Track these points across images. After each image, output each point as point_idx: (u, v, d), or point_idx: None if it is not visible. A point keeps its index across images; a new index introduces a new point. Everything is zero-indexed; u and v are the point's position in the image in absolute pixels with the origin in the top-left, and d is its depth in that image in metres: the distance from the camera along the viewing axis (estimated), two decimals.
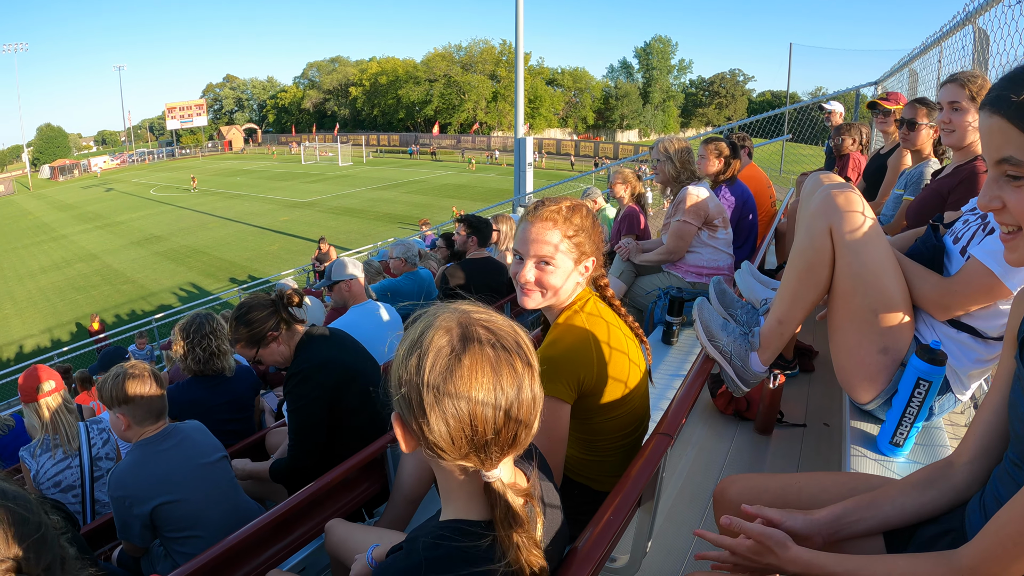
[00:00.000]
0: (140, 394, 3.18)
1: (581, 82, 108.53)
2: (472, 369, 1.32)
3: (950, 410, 2.66)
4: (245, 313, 3.56)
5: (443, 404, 1.30)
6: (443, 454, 1.34)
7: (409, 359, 1.34)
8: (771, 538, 1.68)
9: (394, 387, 1.37)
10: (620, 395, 2.39)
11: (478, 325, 1.38)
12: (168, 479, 3.14)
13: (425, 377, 1.30)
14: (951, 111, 3.59)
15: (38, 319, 27.46)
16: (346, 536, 2.66)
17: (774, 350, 2.92)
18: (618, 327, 2.48)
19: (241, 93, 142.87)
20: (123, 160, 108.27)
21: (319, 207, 46.97)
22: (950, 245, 2.58)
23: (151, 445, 3.21)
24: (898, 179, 5.14)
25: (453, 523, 1.45)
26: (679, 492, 3.63)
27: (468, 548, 1.38)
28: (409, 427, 1.36)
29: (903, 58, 10.05)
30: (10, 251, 43.12)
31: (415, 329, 1.39)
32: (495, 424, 1.33)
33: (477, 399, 1.31)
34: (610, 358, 2.35)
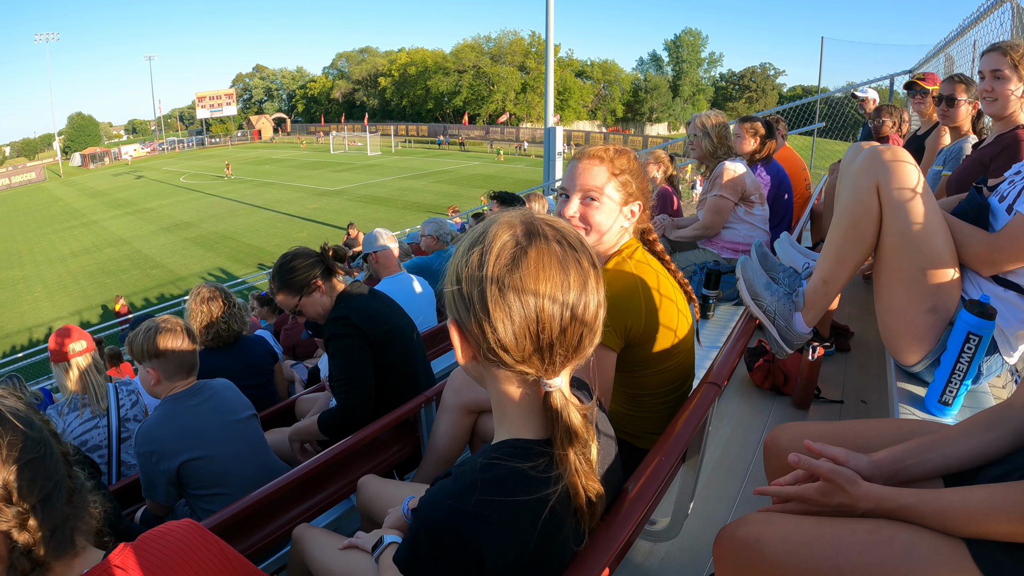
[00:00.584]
0: (172, 348, 3.14)
1: (610, 74, 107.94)
2: (539, 262, 1.26)
3: (997, 373, 2.61)
4: (289, 260, 3.55)
5: (508, 299, 1.24)
6: (505, 356, 1.28)
7: (469, 255, 1.29)
8: (841, 475, 1.65)
9: (450, 288, 1.32)
10: (667, 346, 2.34)
11: (542, 223, 1.33)
12: (197, 434, 3.09)
13: (489, 271, 1.25)
14: (993, 79, 3.55)
15: (68, 302, 27.75)
16: (379, 491, 2.64)
17: (818, 310, 2.87)
18: (667, 277, 2.43)
19: (271, 83, 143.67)
20: (153, 148, 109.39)
21: (347, 195, 47.11)
22: (995, 204, 2.55)
23: (181, 400, 3.17)
24: (936, 156, 5.08)
25: (509, 442, 1.40)
26: (717, 462, 3.60)
27: (524, 469, 1.33)
28: (468, 330, 1.31)
29: (939, 42, 9.89)
30: (41, 236, 43.76)
31: (474, 231, 1.34)
32: (561, 322, 1.27)
33: (544, 293, 1.25)
34: (659, 306, 2.31)
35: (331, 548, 2.29)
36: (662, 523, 2.81)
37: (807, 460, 1.73)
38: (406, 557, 1.38)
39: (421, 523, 1.34)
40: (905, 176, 2.47)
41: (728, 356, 2.52)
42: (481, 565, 1.28)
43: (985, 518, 1.43)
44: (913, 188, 2.46)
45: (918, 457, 1.72)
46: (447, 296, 1.34)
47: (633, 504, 1.63)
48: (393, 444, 3.57)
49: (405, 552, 1.39)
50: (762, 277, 3.04)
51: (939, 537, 1.48)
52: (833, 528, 1.61)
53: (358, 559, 2.18)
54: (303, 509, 3.10)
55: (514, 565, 1.32)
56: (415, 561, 1.36)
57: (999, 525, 1.41)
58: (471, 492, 1.31)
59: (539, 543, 1.34)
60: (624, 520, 1.56)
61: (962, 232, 2.53)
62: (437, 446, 3.23)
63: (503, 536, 1.29)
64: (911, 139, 6.37)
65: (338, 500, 3.27)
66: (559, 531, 1.38)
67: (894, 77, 11.95)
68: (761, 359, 4.38)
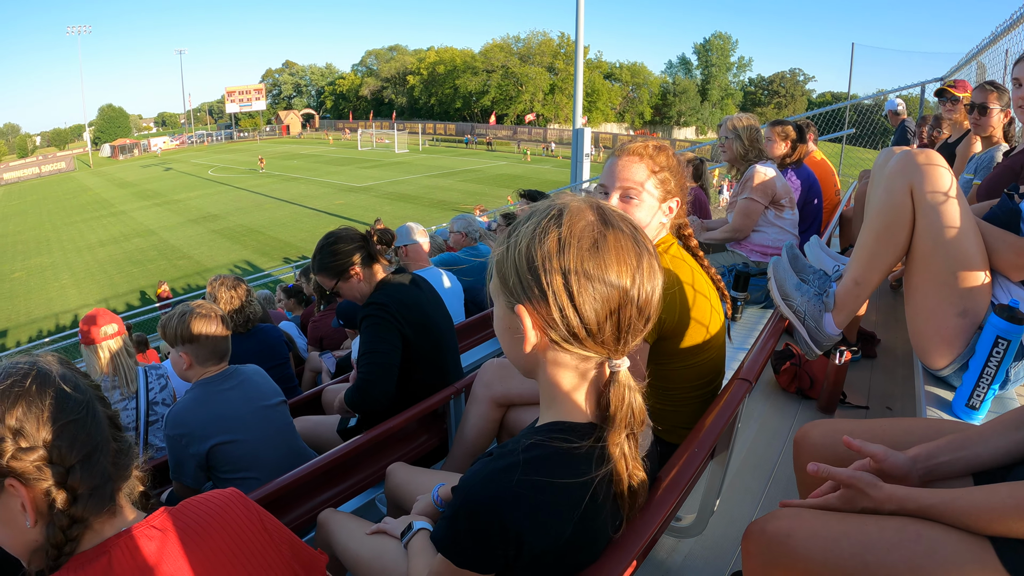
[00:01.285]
0: (205, 333, 3.17)
1: (639, 77, 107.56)
2: (617, 247, 1.29)
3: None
4: (332, 243, 3.53)
5: (593, 282, 1.26)
6: (586, 339, 1.30)
7: (544, 239, 1.29)
8: (861, 480, 1.67)
9: (519, 273, 1.31)
10: (699, 341, 2.37)
11: (607, 207, 1.37)
12: (228, 418, 3.12)
13: (572, 255, 1.27)
14: None
15: (95, 289, 28.03)
16: (408, 479, 2.65)
17: (849, 312, 2.88)
18: (701, 273, 2.47)
19: (300, 79, 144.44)
20: (182, 141, 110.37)
21: (374, 192, 47.26)
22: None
23: (212, 384, 3.19)
24: (967, 164, 5.06)
25: (554, 424, 1.40)
26: (743, 462, 3.62)
27: (569, 450, 1.34)
28: (544, 315, 1.30)
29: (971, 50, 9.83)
30: (69, 224, 44.25)
31: (536, 215, 1.34)
32: (636, 304, 1.31)
33: (624, 276, 1.29)
34: (693, 302, 2.34)
35: (358, 532, 2.30)
36: (688, 519, 2.82)
37: (826, 468, 1.74)
38: (444, 536, 1.38)
39: (462, 502, 1.35)
40: (939, 179, 2.49)
41: (759, 354, 2.54)
42: (519, 546, 1.30)
43: (1008, 516, 1.44)
44: (946, 191, 2.48)
45: (950, 455, 1.74)
46: (513, 283, 1.33)
47: (664, 495, 1.65)
48: (421, 435, 3.60)
49: (443, 531, 1.39)
50: (793, 278, 3.05)
51: (966, 536, 1.49)
52: (861, 525, 1.63)
53: (386, 544, 2.18)
54: (329, 496, 3.13)
55: (552, 548, 1.33)
56: (453, 540, 1.36)
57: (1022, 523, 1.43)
58: (513, 472, 1.31)
59: (578, 527, 1.36)
60: (655, 511, 1.58)
61: (993, 237, 2.54)
62: (465, 437, 3.26)
63: (544, 518, 1.31)
64: (942, 147, 6.35)
65: (363, 489, 3.30)
66: (598, 516, 1.40)
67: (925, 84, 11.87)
68: (788, 362, 4.39)
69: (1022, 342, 2.42)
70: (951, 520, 1.53)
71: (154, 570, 1.36)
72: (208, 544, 1.47)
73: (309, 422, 3.93)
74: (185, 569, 1.39)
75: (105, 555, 1.35)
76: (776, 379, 4.46)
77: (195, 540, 1.45)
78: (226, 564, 1.47)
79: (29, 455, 1.29)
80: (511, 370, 3.18)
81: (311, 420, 3.96)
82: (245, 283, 4.70)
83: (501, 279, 1.36)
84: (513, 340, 1.39)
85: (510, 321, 1.37)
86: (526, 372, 1.47)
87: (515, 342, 1.38)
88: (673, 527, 2.85)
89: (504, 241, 1.37)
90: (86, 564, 1.33)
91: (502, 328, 1.43)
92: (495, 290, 1.40)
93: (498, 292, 1.39)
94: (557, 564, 1.39)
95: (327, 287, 3.60)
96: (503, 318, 1.40)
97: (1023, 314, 2.28)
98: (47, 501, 1.31)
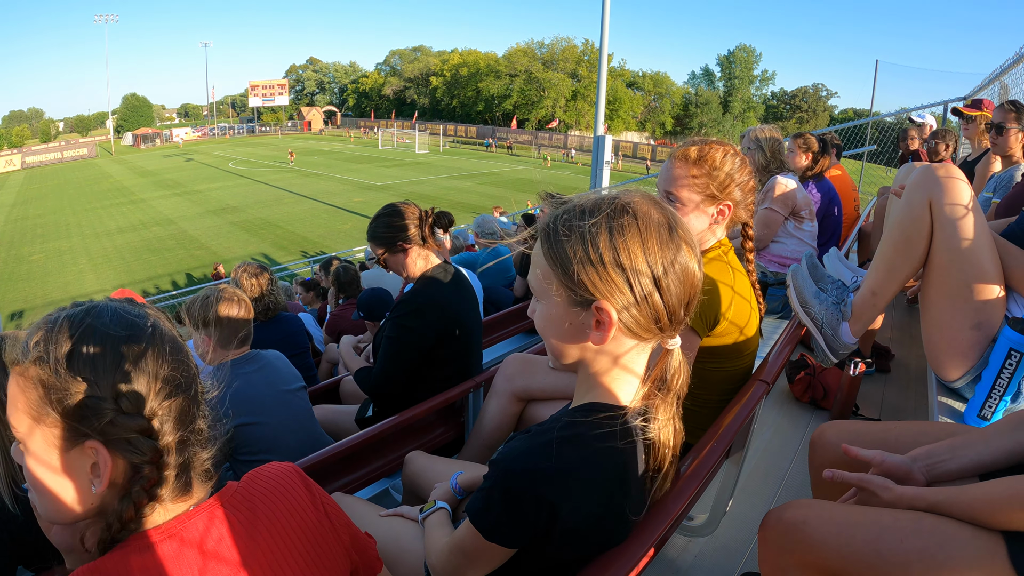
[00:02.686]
0: (229, 316, 3.21)
1: (662, 86, 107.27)
2: (685, 235, 1.38)
3: None
4: (386, 215, 3.54)
5: (674, 275, 1.34)
6: (666, 327, 1.38)
7: (625, 237, 1.32)
8: (872, 483, 1.75)
9: (604, 271, 1.32)
10: (738, 345, 2.42)
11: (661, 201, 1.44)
12: (250, 400, 3.13)
13: (656, 250, 1.33)
14: None
15: (112, 275, 28.20)
16: (427, 466, 2.65)
17: (866, 322, 2.93)
18: (744, 277, 2.52)
19: (323, 76, 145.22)
20: (204, 133, 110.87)
21: (393, 191, 47.29)
22: None
23: (234, 367, 3.21)
24: (987, 183, 5.08)
25: (591, 404, 1.45)
26: (755, 468, 3.66)
27: (607, 430, 1.40)
28: (628, 307, 1.33)
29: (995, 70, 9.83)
30: (89, 210, 44.59)
31: (609, 209, 1.35)
32: (696, 290, 1.40)
33: (694, 262, 1.38)
34: (736, 305, 2.39)
35: (371, 516, 2.30)
36: (700, 519, 2.87)
37: (840, 473, 1.82)
38: (480, 507, 1.43)
39: (499, 475, 1.40)
40: (958, 193, 2.53)
41: (776, 358, 2.58)
42: (553, 522, 1.35)
43: (1007, 507, 1.51)
44: (965, 205, 2.52)
45: (951, 454, 1.79)
46: (587, 278, 1.33)
47: (683, 487, 1.69)
48: (438, 426, 3.63)
49: (479, 502, 1.43)
50: (811, 286, 3.09)
51: (980, 532, 1.55)
52: (877, 515, 1.69)
53: (403, 525, 2.19)
54: (344, 482, 3.15)
55: (584, 524, 1.38)
56: (487, 511, 1.41)
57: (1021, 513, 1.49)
58: (552, 448, 1.36)
59: (610, 506, 1.41)
60: (673, 501, 1.63)
61: (1010, 254, 2.58)
62: (483, 430, 3.30)
63: (580, 494, 1.35)
64: (961, 165, 6.36)
65: (379, 477, 3.32)
66: (628, 498, 1.45)
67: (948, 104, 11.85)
68: (802, 372, 4.43)
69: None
70: (958, 514, 1.59)
71: (222, 556, 1.23)
72: (276, 529, 1.34)
73: (328, 410, 3.99)
74: (254, 555, 1.27)
75: (173, 538, 1.20)
76: (790, 388, 4.50)
77: (264, 524, 1.32)
78: (293, 553, 1.34)
79: (129, 424, 1.15)
80: (533, 365, 3.23)
81: (330, 409, 4.01)
82: (269, 271, 4.74)
83: (564, 275, 1.36)
84: (573, 336, 1.41)
85: (572, 317, 1.39)
86: (571, 363, 1.49)
87: (575, 337, 1.41)
88: (685, 526, 2.89)
89: (559, 241, 1.37)
90: (153, 546, 1.18)
91: (558, 326, 1.43)
92: (547, 289, 1.41)
93: (553, 287, 1.39)
94: (584, 542, 1.43)
95: (376, 255, 3.61)
96: (562, 315, 1.41)
97: None
98: (129, 473, 1.17)
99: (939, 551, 1.55)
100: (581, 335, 1.40)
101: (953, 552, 1.54)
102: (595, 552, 1.46)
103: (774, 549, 1.83)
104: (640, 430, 1.45)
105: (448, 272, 3.60)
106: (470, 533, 1.45)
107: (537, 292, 1.46)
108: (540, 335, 1.50)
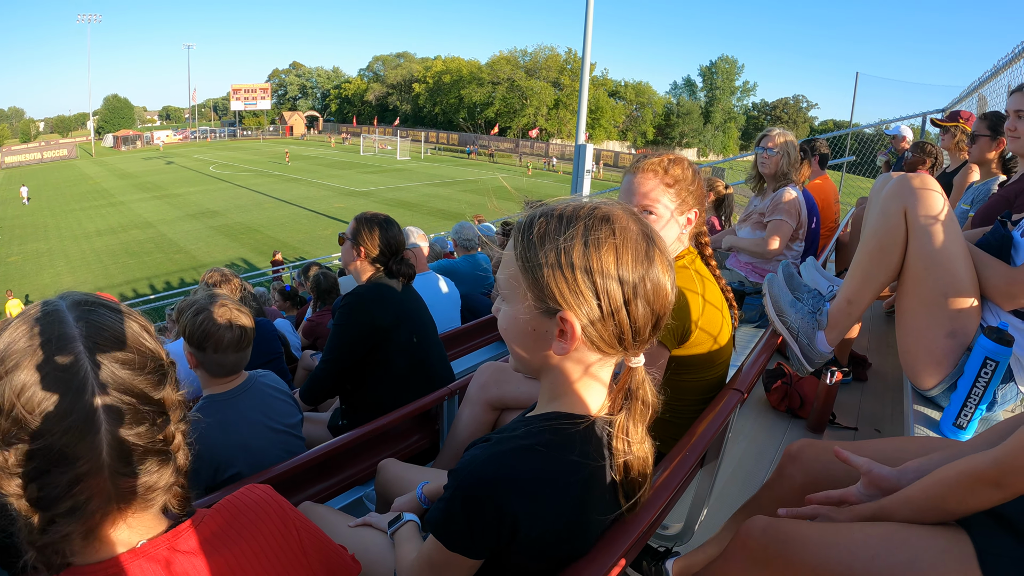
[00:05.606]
0: (217, 344, 2.78)
1: (643, 96, 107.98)
2: (661, 254, 1.36)
3: (1011, 403, 2.66)
4: (364, 220, 3.72)
5: (646, 289, 1.33)
6: (629, 345, 1.35)
7: (601, 250, 1.30)
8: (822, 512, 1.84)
9: (574, 283, 1.30)
10: (710, 354, 2.42)
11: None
12: (253, 450, 2.85)
13: (630, 266, 1.31)
14: (1016, 119, 3.67)
15: (89, 279, 27.96)
16: (400, 474, 2.61)
17: (841, 330, 2.93)
18: (713, 284, 2.52)
19: (306, 80, 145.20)
20: (185, 136, 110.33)
21: (374, 197, 47.22)
22: (1017, 237, 2.64)
23: (230, 405, 2.88)
24: (964, 194, 5.13)
25: (552, 413, 1.43)
26: (731, 477, 3.64)
27: (567, 438, 1.39)
28: (593, 320, 1.31)
29: (972, 83, 9.92)
30: (68, 212, 44.22)
31: (587, 221, 1.33)
32: (667, 309, 1.38)
33: (664, 284, 1.36)
34: (707, 314, 2.40)
35: (339, 525, 2.27)
36: (674, 528, 2.86)
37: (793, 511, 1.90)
38: (439, 518, 1.40)
39: (458, 485, 1.37)
40: (932, 203, 2.56)
41: (751, 367, 2.58)
42: (515, 530, 1.33)
43: (943, 495, 1.57)
44: (939, 216, 2.55)
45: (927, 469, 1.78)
46: (556, 289, 1.31)
47: (654, 496, 1.67)
48: (412, 434, 3.61)
49: (440, 512, 1.41)
50: (787, 295, 3.10)
51: (949, 546, 1.55)
52: (850, 534, 1.69)
53: (372, 537, 2.15)
54: (316, 491, 3.09)
55: (546, 534, 1.36)
56: (447, 522, 1.38)
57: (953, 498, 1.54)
58: (511, 456, 1.36)
59: (573, 515, 1.39)
60: (645, 510, 1.60)
61: (983, 263, 2.61)
62: (457, 438, 3.27)
63: (539, 502, 1.34)
64: (940, 176, 6.41)
65: (352, 485, 3.28)
66: (593, 506, 1.43)
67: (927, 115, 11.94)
68: (779, 381, 4.42)
69: (1009, 364, 2.47)
70: (905, 515, 1.64)
71: None
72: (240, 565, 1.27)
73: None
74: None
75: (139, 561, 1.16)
76: (767, 397, 4.49)
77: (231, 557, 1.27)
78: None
79: None
80: (507, 374, 3.21)
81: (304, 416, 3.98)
82: (238, 278, 4.67)
83: (533, 280, 1.34)
84: (535, 342, 1.39)
85: (537, 324, 1.36)
86: (535, 371, 1.47)
87: (537, 344, 1.39)
88: (661, 535, 2.87)
89: (532, 245, 1.35)
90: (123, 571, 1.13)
91: (521, 330, 1.40)
92: (514, 291, 1.39)
93: (519, 294, 1.37)
94: (549, 551, 1.41)
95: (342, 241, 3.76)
96: (527, 320, 1.37)
97: (1011, 336, 2.34)
98: None
99: (908, 568, 1.56)
100: (544, 343, 1.38)
101: (923, 568, 1.54)
102: (561, 562, 1.44)
103: (749, 559, 1.82)
104: (607, 440, 1.43)
105: (397, 283, 3.75)
106: (435, 545, 1.42)
107: (504, 293, 1.43)
108: (502, 336, 1.47)
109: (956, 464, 1.55)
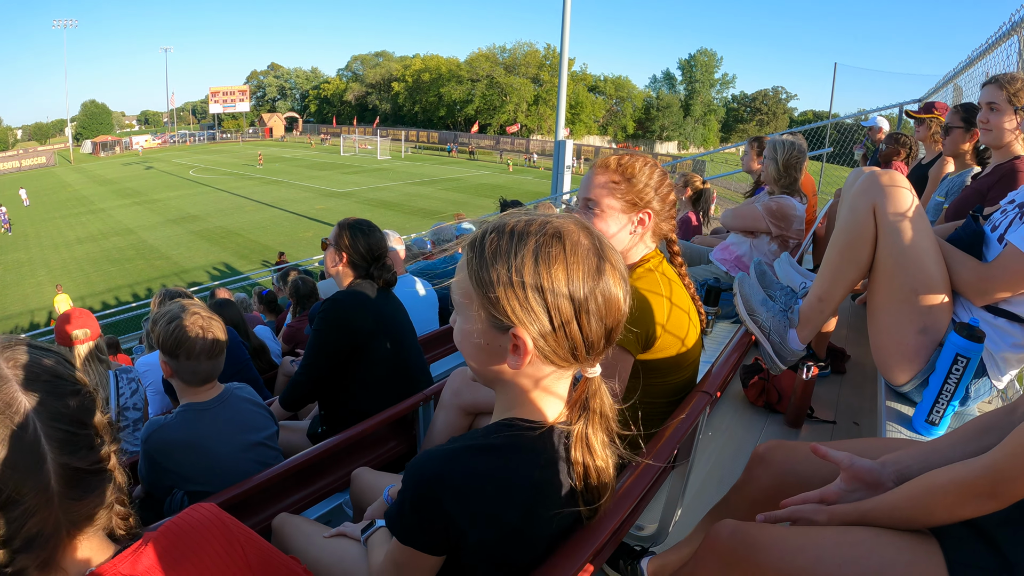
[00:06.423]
0: (189, 352, 2.82)
1: (623, 90, 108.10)
2: (613, 268, 1.36)
3: (985, 397, 2.67)
4: (346, 227, 3.70)
5: (597, 302, 1.33)
6: (583, 353, 1.35)
7: (551, 266, 1.30)
8: (803, 512, 1.79)
9: (525, 299, 1.30)
10: (678, 358, 2.39)
11: (592, 227, 1.41)
12: (222, 472, 2.86)
13: (581, 282, 1.31)
14: (988, 111, 3.70)
15: (71, 287, 27.62)
16: (373, 483, 2.62)
17: (813, 328, 2.93)
18: (681, 288, 2.49)
19: (285, 82, 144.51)
20: (164, 140, 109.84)
21: (355, 198, 47.15)
22: (988, 233, 2.64)
23: (203, 419, 2.91)
24: (939, 186, 5.14)
25: (510, 420, 1.44)
26: (708, 474, 3.63)
27: (521, 444, 1.39)
28: (545, 335, 1.31)
29: (948, 73, 9.95)
30: (47, 220, 43.82)
31: (538, 237, 1.33)
32: (619, 320, 1.39)
33: (622, 293, 1.37)
34: (674, 318, 2.36)
35: (315, 536, 2.27)
36: (649, 529, 2.85)
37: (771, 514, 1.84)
38: (393, 511, 1.43)
39: (408, 481, 1.38)
40: (901, 200, 2.56)
41: (722, 368, 2.57)
42: (457, 530, 1.33)
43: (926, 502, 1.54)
44: (907, 212, 2.55)
45: (921, 460, 1.77)
46: (509, 304, 1.31)
47: (619, 501, 1.66)
48: (389, 440, 3.59)
49: (394, 507, 1.43)
50: (759, 294, 3.09)
51: (918, 558, 1.53)
52: (820, 539, 1.67)
53: (348, 546, 2.15)
54: (295, 500, 3.08)
55: (495, 538, 1.36)
56: (400, 516, 1.40)
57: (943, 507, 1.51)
58: (460, 457, 1.37)
59: (525, 520, 1.39)
60: (609, 515, 1.59)
61: (955, 260, 2.61)
62: (433, 442, 3.26)
63: (482, 507, 1.34)
64: (915, 168, 6.43)
65: (330, 493, 3.26)
66: (549, 513, 1.42)
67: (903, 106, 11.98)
68: (756, 376, 4.42)
69: (982, 359, 2.48)
70: (887, 520, 1.61)
71: None
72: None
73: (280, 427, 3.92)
74: None
75: None
76: (744, 393, 4.49)
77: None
78: None
79: None
80: None
81: (282, 425, 3.95)
82: (188, 295, 4.63)
83: (485, 297, 1.34)
84: (489, 356, 1.40)
85: (490, 338, 1.37)
86: (491, 383, 1.47)
87: (491, 358, 1.40)
88: (635, 535, 2.87)
89: (484, 263, 1.35)
90: None
91: (474, 342, 1.40)
92: (467, 307, 1.39)
93: (473, 307, 1.38)
94: (504, 555, 1.41)
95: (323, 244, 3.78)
96: (480, 333, 1.38)
97: (982, 332, 2.34)
98: None
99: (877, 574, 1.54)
100: (498, 357, 1.38)
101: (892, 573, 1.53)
102: (518, 567, 1.44)
103: (718, 562, 1.81)
104: (563, 447, 1.43)
105: (374, 288, 3.72)
106: (394, 542, 1.45)
107: (457, 307, 1.44)
108: (458, 348, 1.48)
109: (946, 471, 1.52)
